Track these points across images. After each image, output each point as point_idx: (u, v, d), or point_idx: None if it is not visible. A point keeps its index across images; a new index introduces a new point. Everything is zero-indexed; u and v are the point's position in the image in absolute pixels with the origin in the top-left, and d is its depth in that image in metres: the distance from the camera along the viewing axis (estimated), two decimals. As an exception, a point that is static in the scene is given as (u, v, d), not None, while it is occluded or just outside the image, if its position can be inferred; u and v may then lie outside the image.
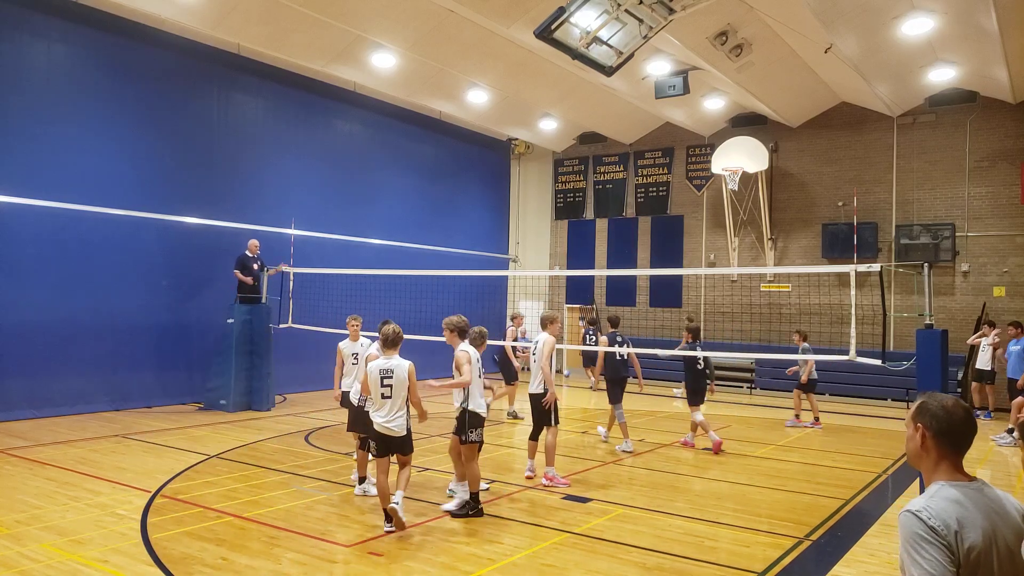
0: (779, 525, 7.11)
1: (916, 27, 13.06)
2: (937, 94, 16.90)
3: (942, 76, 15.78)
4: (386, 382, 6.50)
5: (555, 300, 22.36)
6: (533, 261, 22.94)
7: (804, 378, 13.21)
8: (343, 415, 13.66)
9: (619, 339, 10.99)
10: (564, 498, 7.92)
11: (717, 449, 10.60)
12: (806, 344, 13.35)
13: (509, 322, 12.37)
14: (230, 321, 13.49)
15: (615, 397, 10.80)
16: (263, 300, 14.03)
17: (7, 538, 6.13)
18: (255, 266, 13.77)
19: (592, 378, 11.48)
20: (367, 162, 18.12)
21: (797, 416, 13.65)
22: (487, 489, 7.98)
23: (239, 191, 15.11)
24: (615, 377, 10.86)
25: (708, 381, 11.12)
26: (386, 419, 6.50)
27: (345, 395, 8.58)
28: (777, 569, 5.91)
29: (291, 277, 14.44)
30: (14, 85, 11.91)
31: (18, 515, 6.79)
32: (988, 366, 14.60)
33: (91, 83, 12.93)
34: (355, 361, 8.55)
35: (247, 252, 13.75)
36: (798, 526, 7.08)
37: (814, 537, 6.78)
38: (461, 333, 7.48)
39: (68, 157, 12.47)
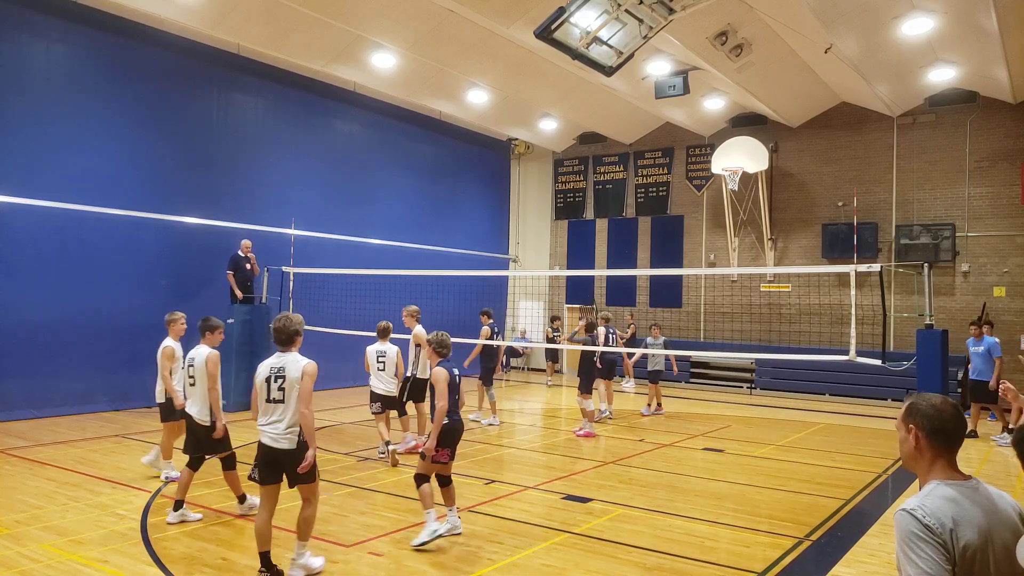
0: (779, 525, 7.11)
1: (916, 27, 13.06)
2: (937, 94, 16.90)
3: (942, 76, 15.78)
4: (380, 359, 9.62)
5: (555, 300, 22.37)
6: (533, 261, 22.94)
7: (650, 366, 14.39)
8: (342, 415, 13.64)
9: (496, 330, 13.01)
10: (564, 498, 7.92)
11: (583, 436, 11.65)
12: (663, 337, 14.65)
13: (604, 323, 13.23)
14: (230, 321, 13.46)
15: (490, 381, 12.78)
16: (263, 300, 14.04)
17: (7, 538, 6.14)
18: (247, 266, 13.76)
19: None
20: (367, 162, 18.12)
21: (652, 405, 14.42)
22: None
23: (239, 191, 15.11)
24: (491, 364, 12.84)
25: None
26: (384, 383, 9.63)
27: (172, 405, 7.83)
28: (777, 569, 5.91)
29: (291, 277, 14.44)
30: (14, 85, 11.91)
31: (18, 515, 6.79)
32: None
33: (91, 83, 12.93)
34: (184, 365, 7.18)
35: (239, 252, 13.75)
36: (798, 526, 7.08)
37: (814, 537, 6.78)
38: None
39: (68, 157, 12.47)
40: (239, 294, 13.49)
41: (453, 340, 12.69)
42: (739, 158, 17.76)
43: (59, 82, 12.52)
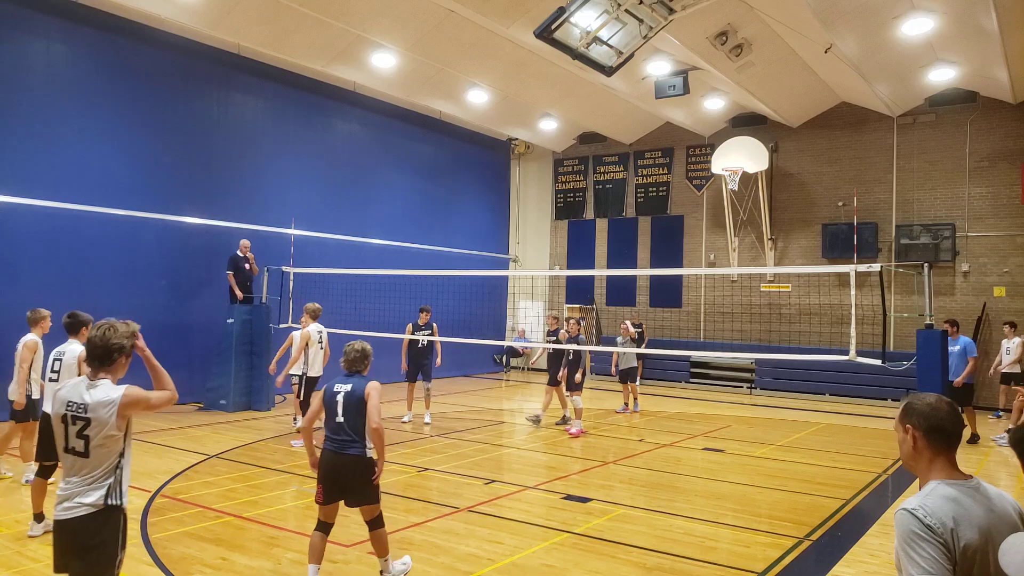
0: (779, 525, 7.11)
1: (916, 27, 13.06)
2: (937, 94, 16.90)
3: (942, 76, 15.78)
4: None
5: (555, 300, 22.36)
6: (533, 261, 22.94)
7: (613, 369, 14.56)
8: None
9: (423, 328, 12.47)
10: (564, 498, 7.92)
11: (576, 434, 11.71)
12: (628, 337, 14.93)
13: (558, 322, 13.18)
14: (230, 321, 13.50)
15: (412, 377, 12.52)
16: (263, 300, 14.05)
17: (7, 538, 6.13)
18: (246, 266, 13.77)
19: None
20: (367, 162, 18.12)
21: (630, 403, 14.63)
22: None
23: (239, 191, 15.11)
24: (417, 361, 12.45)
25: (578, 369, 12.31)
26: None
27: (37, 403, 7.61)
28: (777, 569, 5.91)
29: (291, 277, 14.45)
30: (14, 85, 11.91)
31: (18, 515, 6.79)
32: (1015, 368, 13.64)
33: (91, 83, 12.93)
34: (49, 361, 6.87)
35: (238, 252, 13.76)
36: (798, 526, 7.07)
37: (814, 537, 6.78)
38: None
39: (68, 157, 12.48)
40: (239, 294, 13.51)
41: (457, 340, 12.55)
42: (739, 158, 17.76)
43: (59, 82, 12.52)
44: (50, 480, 6.44)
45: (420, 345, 12.41)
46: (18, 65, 11.98)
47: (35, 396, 7.67)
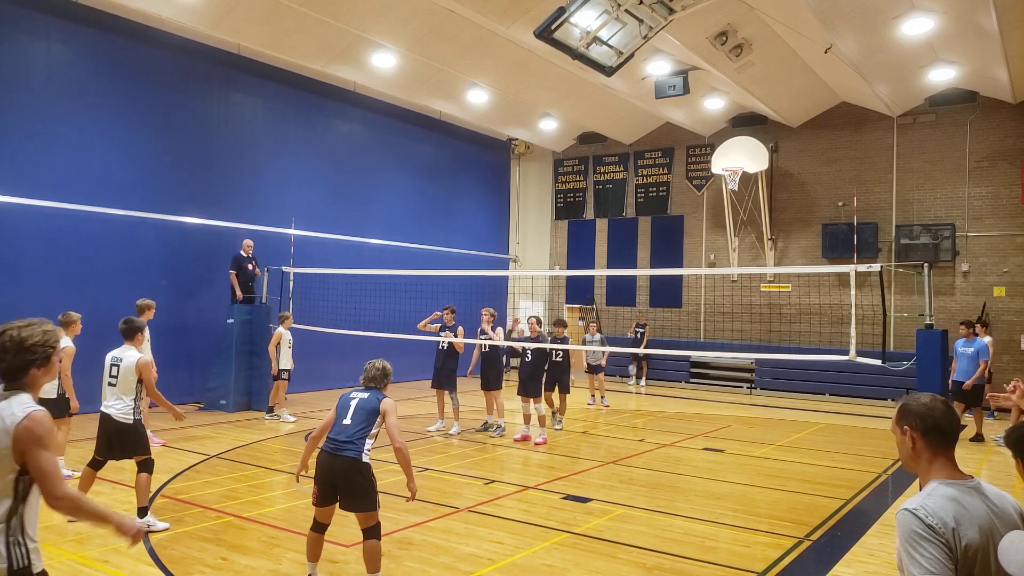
0: (779, 525, 7.11)
1: (916, 27, 13.07)
2: (937, 94, 16.90)
3: (942, 76, 15.78)
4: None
5: (555, 300, 22.36)
6: (533, 261, 22.94)
7: (584, 364, 15.34)
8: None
9: (448, 329, 11.98)
10: (564, 498, 7.92)
11: (523, 439, 11.13)
12: (600, 335, 15.52)
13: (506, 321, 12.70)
14: (230, 321, 13.50)
15: (433, 382, 11.96)
16: (263, 300, 14.05)
17: (7, 538, 6.12)
18: (249, 266, 13.76)
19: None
20: (367, 162, 18.12)
21: (596, 397, 15.42)
22: None
23: (239, 191, 15.11)
24: (435, 364, 11.89)
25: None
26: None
27: (68, 400, 8.19)
28: (777, 569, 5.91)
29: (291, 277, 14.45)
30: (14, 85, 11.90)
31: (18, 515, 6.78)
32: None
33: (91, 83, 12.93)
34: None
35: (242, 252, 13.76)
36: (798, 526, 7.07)
37: (814, 537, 6.78)
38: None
39: (68, 157, 12.47)
40: (239, 294, 13.50)
41: (458, 340, 12.44)
42: (739, 158, 17.76)
43: (59, 82, 12.51)
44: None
45: (440, 347, 11.84)
46: (18, 65, 11.98)
47: (66, 395, 8.24)
